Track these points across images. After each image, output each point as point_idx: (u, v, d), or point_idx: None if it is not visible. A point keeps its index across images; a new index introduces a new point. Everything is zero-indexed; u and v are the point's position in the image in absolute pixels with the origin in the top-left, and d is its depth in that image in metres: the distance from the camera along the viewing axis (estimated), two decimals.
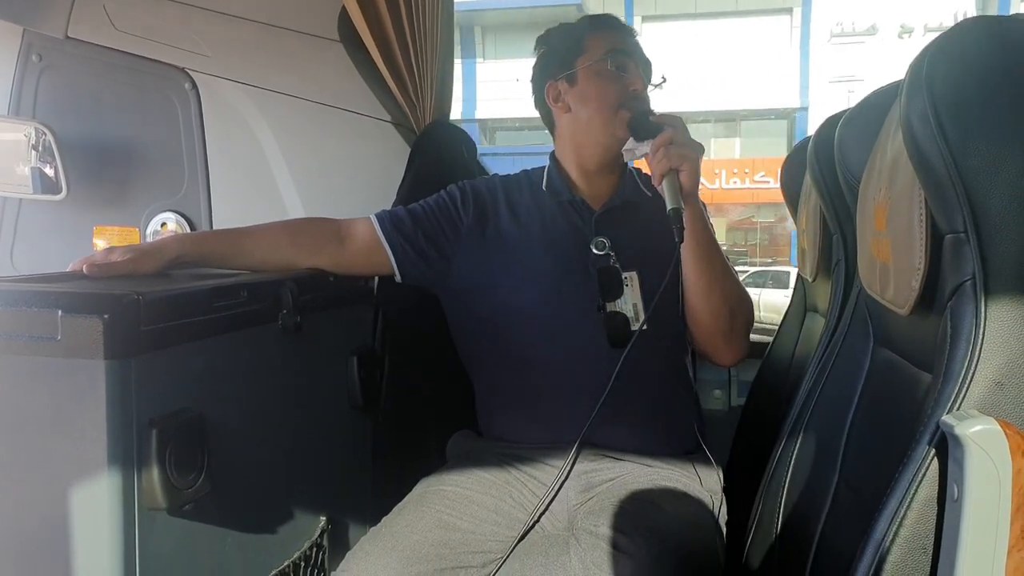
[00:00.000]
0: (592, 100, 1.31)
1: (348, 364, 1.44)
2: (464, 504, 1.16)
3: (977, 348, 0.60)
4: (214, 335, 1.07)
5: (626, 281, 1.27)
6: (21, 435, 0.92)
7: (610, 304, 1.25)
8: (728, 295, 1.25)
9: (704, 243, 1.22)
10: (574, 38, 1.34)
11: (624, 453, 1.23)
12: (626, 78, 1.29)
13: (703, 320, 1.26)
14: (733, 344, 1.29)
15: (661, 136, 1.17)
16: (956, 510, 0.56)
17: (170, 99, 1.72)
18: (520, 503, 1.20)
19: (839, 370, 1.02)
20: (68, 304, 0.88)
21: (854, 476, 0.89)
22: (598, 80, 1.30)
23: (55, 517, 0.90)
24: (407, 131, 1.70)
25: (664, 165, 1.15)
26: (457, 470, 1.25)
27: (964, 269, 0.62)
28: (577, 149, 1.36)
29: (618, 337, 1.23)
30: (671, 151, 1.15)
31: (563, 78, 1.34)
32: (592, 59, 1.31)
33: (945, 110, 0.60)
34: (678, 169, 1.15)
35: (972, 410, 0.59)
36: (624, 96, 1.28)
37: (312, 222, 1.39)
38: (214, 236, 1.39)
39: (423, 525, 1.11)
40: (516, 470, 1.24)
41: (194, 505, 0.98)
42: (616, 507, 1.09)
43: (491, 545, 1.13)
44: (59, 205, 1.70)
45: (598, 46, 1.31)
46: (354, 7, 1.53)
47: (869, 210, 0.84)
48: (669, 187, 1.14)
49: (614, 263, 1.27)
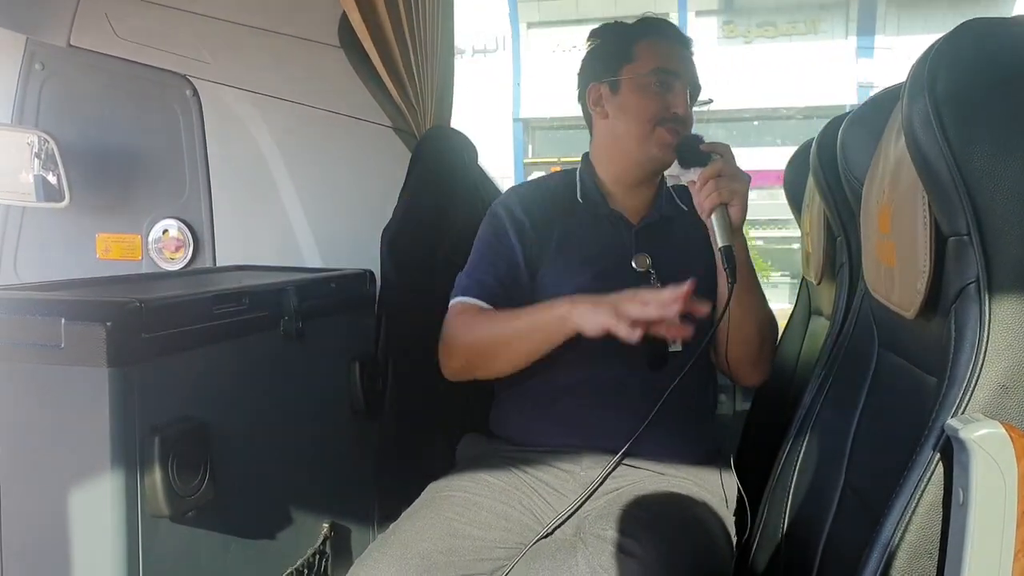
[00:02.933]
0: (631, 113, 1.27)
1: (350, 370, 1.44)
2: (473, 510, 1.15)
3: (981, 351, 0.59)
4: (216, 342, 1.07)
5: None
6: (26, 442, 0.92)
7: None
8: (761, 324, 1.24)
9: (746, 276, 1.19)
10: (625, 41, 1.30)
11: (639, 460, 1.22)
12: (669, 97, 1.25)
13: (736, 347, 1.24)
14: (760, 367, 1.29)
15: (710, 167, 1.14)
16: (962, 514, 0.56)
17: (171, 106, 1.72)
18: (529, 508, 1.19)
19: (844, 373, 1.01)
20: (71, 312, 0.88)
21: (859, 480, 0.89)
22: (640, 94, 1.26)
23: (59, 524, 0.90)
24: (408, 136, 1.70)
25: (714, 199, 1.12)
26: (466, 475, 1.23)
27: (968, 272, 0.62)
28: (612, 159, 1.33)
29: (656, 358, 1.22)
30: (721, 184, 1.12)
31: (606, 82, 1.30)
32: (638, 71, 1.26)
33: (947, 112, 0.60)
34: (727, 203, 1.12)
35: (977, 414, 0.59)
36: (664, 115, 1.25)
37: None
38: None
39: (433, 533, 1.10)
40: (525, 474, 1.23)
41: (197, 512, 0.98)
42: (624, 512, 1.08)
43: (499, 552, 1.13)
44: (61, 213, 1.70)
45: (647, 57, 1.27)
46: (354, 13, 1.53)
47: (873, 213, 0.84)
48: (720, 222, 1.11)
49: (654, 282, 1.24)
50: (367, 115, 1.70)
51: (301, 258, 1.71)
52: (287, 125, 1.71)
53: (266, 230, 1.74)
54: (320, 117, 1.70)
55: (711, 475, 1.26)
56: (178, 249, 1.75)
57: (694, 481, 1.23)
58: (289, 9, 1.70)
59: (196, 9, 1.68)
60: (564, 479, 1.21)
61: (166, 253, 1.76)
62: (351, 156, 1.73)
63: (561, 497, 1.20)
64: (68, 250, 1.78)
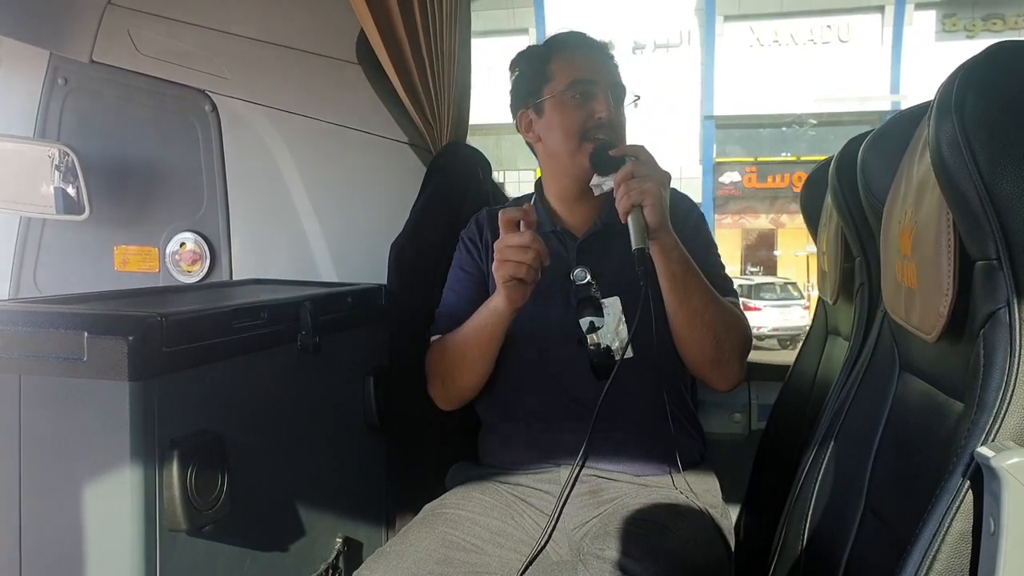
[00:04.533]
0: (557, 131, 1.29)
1: (365, 384, 1.44)
2: (468, 525, 1.16)
3: (1013, 377, 0.59)
4: (234, 356, 1.07)
5: (607, 309, 1.24)
6: (46, 454, 0.92)
7: (592, 335, 1.23)
8: (713, 324, 1.22)
9: (680, 276, 1.19)
10: (540, 63, 1.32)
11: (616, 474, 1.24)
12: (591, 105, 1.27)
13: (690, 349, 1.25)
14: (724, 371, 1.27)
15: (621, 171, 1.14)
16: (992, 544, 0.55)
17: (190, 121, 1.74)
18: (521, 525, 1.20)
19: (864, 395, 1.00)
20: (94, 326, 0.89)
21: (881, 503, 0.88)
22: (562, 110, 1.28)
23: (78, 537, 0.91)
24: (423, 151, 1.71)
25: (626, 202, 1.12)
26: (460, 495, 1.26)
27: (998, 296, 0.61)
28: (553, 177, 1.36)
29: (602, 368, 1.21)
30: (631, 186, 1.12)
31: (532, 107, 1.33)
32: (556, 89, 1.29)
33: (976, 135, 0.60)
34: (641, 204, 1.12)
35: (1008, 441, 0.58)
36: (589, 125, 1.26)
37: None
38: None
39: (427, 544, 1.11)
40: (513, 497, 1.25)
41: (214, 526, 0.98)
42: (620, 530, 1.08)
43: (496, 568, 1.13)
44: (80, 225, 1.72)
45: (563, 73, 1.29)
46: (372, 29, 1.54)
47: (894, 233, 0.84)
48: (634, 224, 1.11)
49: (595, 292, 1.25)
50: (383, 131, 1.71)
51: (316, 272, 1.72)
52: (304, 140, 1.72)
53: (282, 244, 1.75)
54: (337, 133, 1.71)
55: (700, 485, 1.26)
56: (195, 262, 1.76)
57: (681, 489, 1.23)
58: (307, 26, 1.71)
59: (216, 26, 1.70)
60: (547, 500, 1.23)
61: (183, 266, 1.77)
62: (367, 171, 1.74)
63: (547, 517, 1.20)
64: (87, 262, 1.80)
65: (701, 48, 15.62)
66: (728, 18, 15.65)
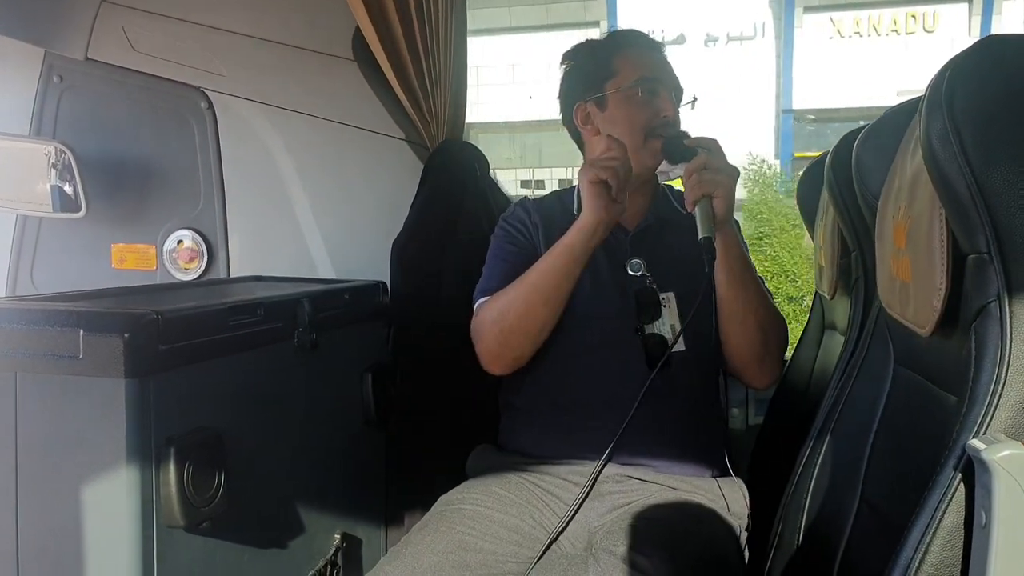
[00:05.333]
0: (622, 126, 1.29)
1: (363, 381, 1.44)
2: (484, 524, 1.15)
3: (1003, 370, 0.59)
4: (231, 353, 1.07)
5: (664, 302, 1.25)
6: (42, 452, 0.92)
7: (648, 326, 1.24)
8: (763, 320, 1.24)
9: (737, 270, 1.20)
10: (603, 58, 1.33)
11: (650, 472, 1.22)
12: (657, 103, 1.28)
13: (738, 344, 1.25)
14: (767, 367, 1.29)
15: (694, 160, 1.15)
16: (984, 537, 0.55)
17: (187, 118, 1.74)
18: (539, 522, 1.19)
19: (859, 390, 1.01)
20: (90, 323, 0.89)
21: (876, 496, 0.88)
22: (628, 106, 1.29)
23: (74, 534, 0.91)
24: (420, 148, 1.71)
25: (697, 191, 1.13)
26: (477, 487, 1.23)
27: (988, 290, 0.61)
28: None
29: (657, 359, 1.22)
30: (704, 176, 1.13)
31: (592, 100, 1.33)
32: (622, 84, 1.29)
33: (966, 129, 0.60)
34: (711, 195, 1.13)
35: (999, 434, 0.58)
36: (655, 122, 1.27)
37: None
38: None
39: (443, 547, 1.10)
40: (536, 487, 1.23)
41: (211, 523, 0.99)
42: (635, 527, 1.08)
43: (510, 566, 1.12)
44: (77, 223, 1.72)
45: (628, 69, 1.30)
46: (368, 26, 1.54)
47: (888, 228, 0.84)
48: (701, 214, 1.12)
49: (651, 284, 1.26)
50: (380, 128, 1.71)
51: (314, 269, 1.72)
52: (300, 137, 1.72)
53: (279, 241, 1.75)
54: (333, 129, 1.71)
55: (730, 491, 1.25)
56: (192, 259, 1.76)
57: (710, 495, 1.22)
58: (303, 23, 1.71)
59: (211, 23, 1.70)
60: (573, 491, 1.21)
61: (180, 263, 1.77)
62: (364, 168, 1.74)
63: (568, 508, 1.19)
64: (84, 260, 1.80)
65: (777, 40, 15.13)
66: (808, 9, 15.09)
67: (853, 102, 14.72)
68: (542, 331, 1.24)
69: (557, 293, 1.21)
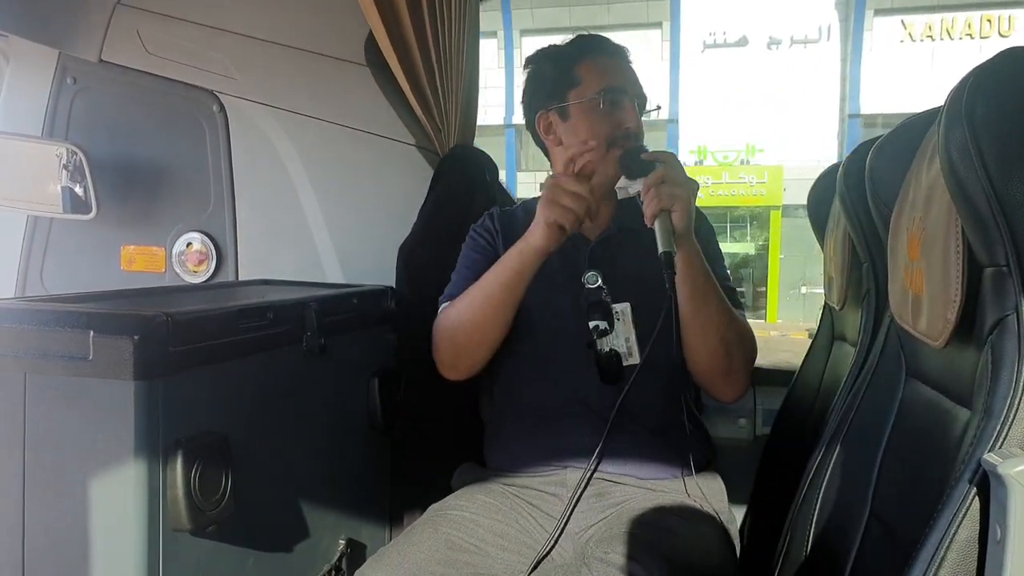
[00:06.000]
0: (584, 137, 1.27)
1: (369, 386, 1.44)
2: (471, 527, 1.16)
3: (1020, 385, 0.58)
4: (240, 356, 1.07)
5: (617, 315, 1.24)
6: (50, 453, 0.92)
7: (602, 339, 1.22)
8: (725, 334, 1.22)
9: (700, 284, 1.19)
10: (566, 66, 1.31)
11: (624, 478, 1.23)
12: (619, 114, 1.27)
13: (701, 359, 1.24)
14: (732, 381, 1.27)
15: (652, 175, 1.14)
16: (999, 552, 0.55)
17: (199, 121, 1.75)
18: (527, 530, 1.19)
19: (870, 401, 1.00)
20: (100, 325, 0.89)
21: (886, 510, 0.88)
22: (590, 117, 1.27)
23: (81, 536, 0.91)
24: (431, 154, 1.71)
25: (655, 205, 1.12)
26: (464, 497, 1.25)
27: (1006, 303, 0.61)
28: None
29: (610, 374, 1.21)
30: (662, 191, 1.12)
31: (554, 109, 1.31)
32: (585, 95, 1.28)
33: (986, 142, 0.59)
34: (670, 209, 1.12)
35: (1015, 448, 0.57)
36: (617, 133, 1.26)
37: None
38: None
39: (429, 545, 1.11)
40: (519, 500, 1.25)
41: (218, 527, 0.98)
42: (626, 533, 1.08)
43: (499, 571, 1.12)
44: (87, 224, 1.72)
45: (591, 78, 1.28)
46: (381, 31, 1.55)
47: (902, 239, 0.83)
48: (661, 228, 1.11)
49: (605, 296, 1.24)
50: (391, 133, 1.72)
51: (323, 273, 1.72)
52: (312, 141, 1.73)
53: (289, 245, 1.76)
54: (345, 134, 1.72)
55: (708, 488, 1.26)
56: (201, 262, 1.77)
57: (689, 495, 1.23)
58: (316, 28, 1.72)
59: (225, 27, 1.71)
60: (552, 503, 1.22)
61: (189, 266, 1.77)
62: (374, 173, 1.74)
63: (553, 520, 1.20)
64: (93, 261, 1.81)
65: (843, 43, 14.95)
66: (879, 12, 14.87)
67: (923, 107, 14.59)
68: (493, 340, 1.27)
69: (503, 306, 1.23)
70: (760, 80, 15.22)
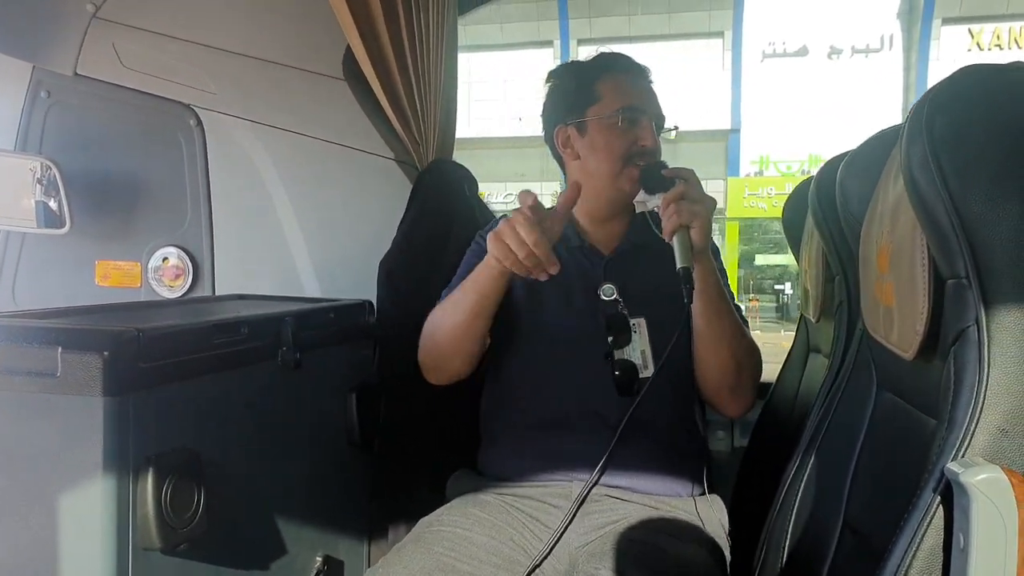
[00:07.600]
0: (601, 153, 1.29)
1: (347, 401, 1.43)
2: (464, 545, 1.14)
3: (981, 395, 0.59)
4: (214, 372, 1.06)
5: (634, 328, 1.26)
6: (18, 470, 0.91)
7: (618, 351, 1.24)
8: (736, 350, 1.24)
9: (715, 299, 1.21)
10: (586, 82, 1.33)
11: (627, 492, 1.22)
12: (637, 132, 1.28)
13: (711, 373, 1.26)
14: (739, 397, 1.29)
15: (672, 191, 1.16)
16: (962, 560, 0.56)
17: (175, 135, 1.74)
18: (520, 546, 1.18)
19: (842, 413, 1.01)
20: (68, 340, 0.88)
21: (859, 520, 0.88)
22: (609, 133, 1.29)
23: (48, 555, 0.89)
24: (410, 168, 1.71)
25: (675, 221, 1.14)
26: (456, 511, 1.23)
27: (966, 315, 0.62)
28: (585, 196, 1.33)
29: (625, 385, 1.22)
30: (682, 207, 1.14)
31: (573, 124, 1.33)
32: (604, 112, 1.29)
33: (945, 156, 0.61)
34: (688, 225, 1.14)
35: (977, 457, 0.58)
36: (634, 151, 1.28)
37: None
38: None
39: (420, 566, 1.09)
40: (516, 511, 1.22)
41: (189, 544, 0.97)
42: (618, 549, 1.08)
43: None
44: (61, 239, 1.70)
45: (611, 96, 1.30)
46: (358, 46, 1.55)
47: (872, 252, 0.85)
48: (680, 244, 1.13)
49: (622, 309, 1.27)
50: (370, 147, 1.72)
51: (301, 288, 1.71)
52: (290, 156, 1.72)
53: (266, 259, 1.75)
54: (323, 148, 1.72)
55: (708, 511, 1.26)
56: (177, 277, 1.75)
57: (689, 516, 1.23)
58: (294, 42, 1.72)
59: (202, 40, 1.71)
60: (554, 514, 1.21)
61: (165, 281, 1.76)
62: (353, 187, 1.74)
63: (550, 531, 1.19)
64: (67, 276, 1.78)
65: (906, 53, 14.87)
66: (946, 20, 14.80)
67: None
68: (467, 350, 1.28)
69: (475, 317, 1.23)
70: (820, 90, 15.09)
